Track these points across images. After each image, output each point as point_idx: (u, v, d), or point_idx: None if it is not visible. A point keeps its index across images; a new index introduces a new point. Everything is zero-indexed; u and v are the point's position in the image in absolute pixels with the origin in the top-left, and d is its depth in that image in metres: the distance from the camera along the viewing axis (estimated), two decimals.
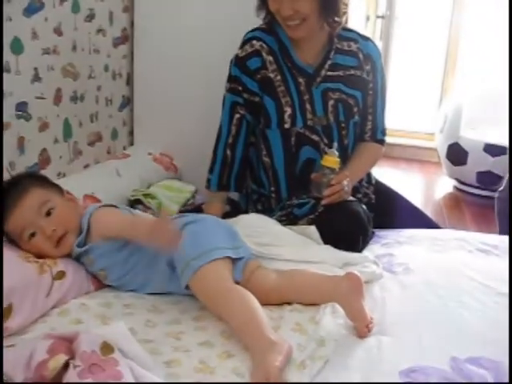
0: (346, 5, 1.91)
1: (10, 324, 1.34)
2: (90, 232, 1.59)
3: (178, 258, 1.47)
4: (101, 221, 1.59)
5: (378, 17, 4.35)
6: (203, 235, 1.51)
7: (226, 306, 1.38)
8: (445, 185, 4.22)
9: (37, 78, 2.00)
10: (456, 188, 4.14)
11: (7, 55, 1.84)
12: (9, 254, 1.48)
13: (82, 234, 1.58)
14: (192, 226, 1.55)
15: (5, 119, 1.87)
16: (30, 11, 1.92)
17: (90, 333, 1.19)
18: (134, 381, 1.10)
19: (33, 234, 1.53)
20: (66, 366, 1.11)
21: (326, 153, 1.86)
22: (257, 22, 1.98)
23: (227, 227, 1.62)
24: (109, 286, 1.62)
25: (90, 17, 2.29)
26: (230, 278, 1.45)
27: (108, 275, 1.59)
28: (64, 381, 1.09)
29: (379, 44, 3.95)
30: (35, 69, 1.99)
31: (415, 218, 2.15)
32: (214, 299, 1.42)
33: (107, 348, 1.14)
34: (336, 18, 1.88)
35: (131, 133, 2.72)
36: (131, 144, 2.73)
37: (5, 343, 1.27)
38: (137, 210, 1.87)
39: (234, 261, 1.52)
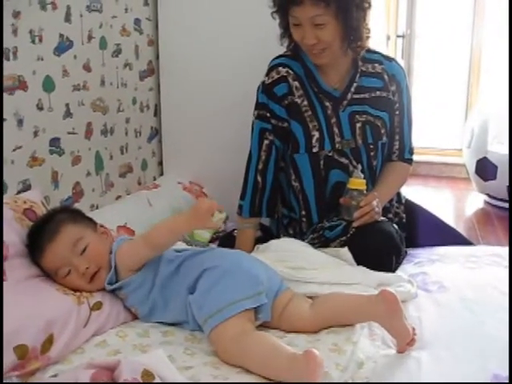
0: (369, 29, 1.92)
1: (51, 354, 1.36)
2: (118, 269, 1.58)
3: (197, 314, 1.47)
4: (124, 256, 1.58)
5: (398, 36, 4.37)
6: (221, 286, 1.46)
7: (244, 359, 1.35)
8: (475, 200, 4.18)
9: (68, 113, 2.05)
10: (487, 203, 4.10)
11: (40, 93, 1.90)
12: (47, 287, 1.51)
13: (111, 272, 1.57)
14: (210, 274, 1.51)
15: (39, 155, 1.92)
16: (60, 50, 1.99)
17: (130, 360, 1.21)
18: None
19: (68, 272, 1.54)
20: None
21: (351, 176, 1.88)
22: (281, 48, 2.01)
23: (249, 270, 1.53)
24: None
25: (117, 52, 2.35)
26: (246, 331, 1.39)
27: (139, 313, 1.60)
28: None
29: (401, 63, 3.96)
30: (66, 105, 2.04)
31: (447, 236, 2.14)
32: (232, 358, 1.37)
33: (148, 375, 1.17)
34: (359, 43, 1.90)
35: (160, 163, 2.76)
36: (161, 174, 2.77)
37: (45, 373, 1.31)
38: None
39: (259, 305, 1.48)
